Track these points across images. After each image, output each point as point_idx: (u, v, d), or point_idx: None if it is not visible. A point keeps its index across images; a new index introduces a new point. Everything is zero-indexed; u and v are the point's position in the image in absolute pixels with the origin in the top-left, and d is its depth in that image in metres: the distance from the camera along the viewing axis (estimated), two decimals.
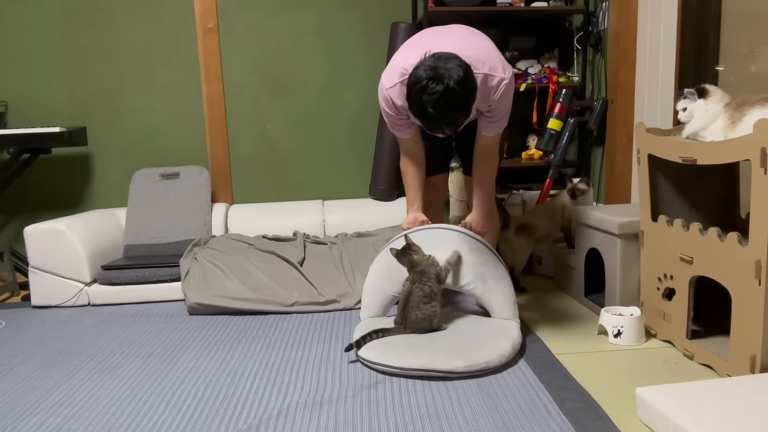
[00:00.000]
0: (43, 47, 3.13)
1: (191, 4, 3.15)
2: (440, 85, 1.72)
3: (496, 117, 2.02)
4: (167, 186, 3.11)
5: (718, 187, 2.09)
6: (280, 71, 3.26)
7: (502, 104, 1.99)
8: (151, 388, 1.78)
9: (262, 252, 2.78)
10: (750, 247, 1.59)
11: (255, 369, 1.90)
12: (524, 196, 3.06)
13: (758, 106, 1.66)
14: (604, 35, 3.03)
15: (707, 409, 1.36)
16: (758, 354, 1.59)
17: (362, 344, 1.92)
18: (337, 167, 3.37)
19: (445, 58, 1.77)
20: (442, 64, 1.74)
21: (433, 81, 1.73)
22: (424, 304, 1.97)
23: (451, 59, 1.77)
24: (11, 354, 2.12)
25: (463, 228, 2.14)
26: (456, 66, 1.75)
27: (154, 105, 3.23)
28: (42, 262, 2.64)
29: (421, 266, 1.99)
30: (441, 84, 1.72)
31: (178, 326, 2.36)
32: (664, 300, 2.00)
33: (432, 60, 1.77)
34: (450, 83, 1.72)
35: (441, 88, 1.72)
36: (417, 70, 1.78)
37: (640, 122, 2.07)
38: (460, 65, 1.75)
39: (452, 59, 1.77)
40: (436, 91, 1.72)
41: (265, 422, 1.54)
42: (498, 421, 1.51)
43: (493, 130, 2.07)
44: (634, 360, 1.89)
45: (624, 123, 2.86)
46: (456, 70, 1.74)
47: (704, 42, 2.40)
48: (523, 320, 2.26)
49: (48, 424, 1.58)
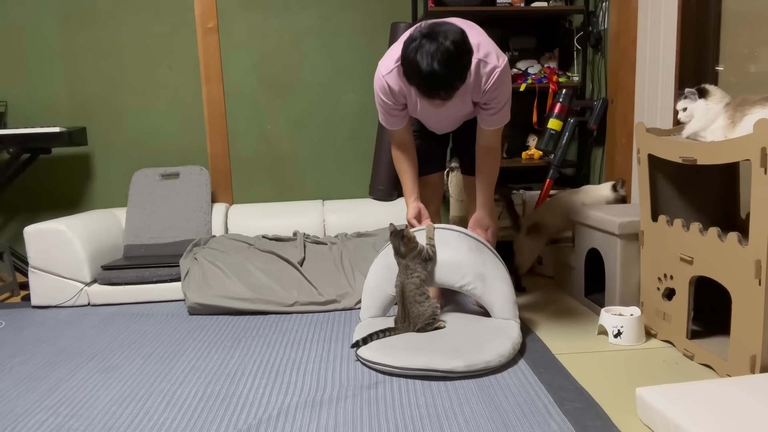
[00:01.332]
0: (43, 47, 3.13)
1: (191, 5, 3.15)
2: (435, 43, 1.71)
3: (494, 108, 2.01)
4: (167, 186, 3.11)
5: (718, 187, 2.09)
6: (280, 71, 3.26)
7: (498, 93, 1.97)
8: (151, 388, 1.78)
9: (262, 252, 2.78)
10: (750, 247, 1.59)
11: (255, 369, 1.90)
12: (524, 196, 3.06)
13: (758, 106, 1.66)
14: (604, 35, 3.03)
15: (707, 410, 1.36)
16: (758, 354, 1.59)
17: (369, 341, 1.92)
18: (337, 167, 3.36)
19: (441, 23, 1.78)
20: (437, 27, 1.75)
21: (428, 39, 1.72)
22: (420, 296, 1.98)
23: (446, 23, 1.77)
24: (11, 354, 2.12)
25: (462, 228, 2.14)
26: (451, 29, 1.75)
27: (154, 105, 3.23)
28: (42, 262, 2.64)
29: (406, 260, 2.00)
30: (436, 42, 1.71)
31: (178, 326, 2.36)
32: (664, 300, 2.00)
33: (427, 25, 1.78)
34: (445, 42, 1.71)
35: (435, 47, 1.71)
36: (412, 35, 1.78)
37: (640, 122, 2.07)
38: (455, 30, 1.75)
39: (447, 23, 1.77)
40: (431, 49, 1.71)
41: (265, 422, 1.54)
42: (498, 421, 1.51)
43: (493, 123, 2.06)
44: (634, 360, 1.89)
45: (624, 123, 2.86)
46: (452, 32, 1.73)
47: (704, 42, 2.40)
48: (523, 320, 2.26)
49: (48, 424, 1.58)
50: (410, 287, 1.98)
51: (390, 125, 2.11)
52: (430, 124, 2.25)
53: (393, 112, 2.05)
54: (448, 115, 2.15)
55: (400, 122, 2.10)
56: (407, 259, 2.00)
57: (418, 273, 1.99)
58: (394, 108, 2.04)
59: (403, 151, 2.17)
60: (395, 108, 2.04)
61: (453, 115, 2.14)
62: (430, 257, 2.05)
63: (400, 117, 2.08)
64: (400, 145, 2.17)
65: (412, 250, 2.01)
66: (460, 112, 2.13)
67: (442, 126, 2.26)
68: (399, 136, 2.15)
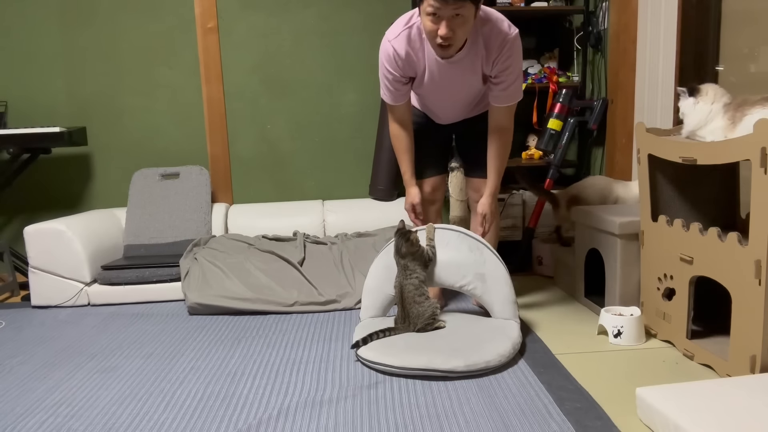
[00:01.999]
0: (43, 47, 3.13)
1: (191, 4, 3.15)
2: None
3: (505, 81, 2.00)
4: (167, 186, 3.11)
5: (718, 187, 2.09)
6: (280, 71, 3.26)
7: (510, 64, 1.97)
8: (151, 388, 1.78)
9: (262, 252, 2.78)
10: (750, 247, 1.59)
11: (255, 369, 1.90)
12: (524, 196, 3.06)
13: (758, 106, 1.66)
14: (604, 35, 3.03)
15: (707, 409, 1.36)
16: (758, 354, 1.59)
17: (369, 341, 1.92)
18: (337, 167, 3.36)
19: None
20: None
21: None
22: (419, 296, 1.98)
23: None
24: (11, 354, 2.12)
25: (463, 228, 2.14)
26: None
27: (154, 105, 3.23)
28: (42, 262, 2.64)
29: (405, 260, 2.00)
30: None
31: (178, 326, 2.36)
32: (664, 300, 2.00)
33: None
34: None
35: None
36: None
37: (640, 122, 2.07)
38: None
39: None
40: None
41: (265, 422, 1.54)
42: (498, 421, 1.51)
43: (505, 99, 2.05)
44: (634, 360, 1.89)
45: (624, 123, 2.86)
46: None
47: (704, 42, 2.40)
48: (523, 320, 2.26)
49: (48, 424, 1.58)
50: (409, 288, 1.98)
51: (391, 100, 2.09)
52: (435, 104, 2.20)
53: (396, 85, 2.03)
54: (457, 92, 2.11)
55: (402, 97, 2.08)
56: (406, 259, 2.00)
57: (417, 274, 2.00)
58: (398, 81, 2.02)
59: (403, 129, 2.16)
60: (399, 81, 2.02)
61: (462, 91, 2.10)
62: (430, 258, 2.05)
63: (402, 92, 2.06)
64: (401, 123, 2.15)
65: (412, 254, 2.01)
66: (469, 88, 2.09)
67: (447, 110, 2.22)
68: (399, 113, 2.13)
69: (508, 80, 2.00)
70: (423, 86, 2.10)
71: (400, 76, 2.02)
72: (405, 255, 2.00)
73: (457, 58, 1.96)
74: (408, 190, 2.23)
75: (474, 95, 2.15)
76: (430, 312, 1.99)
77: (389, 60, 1.99)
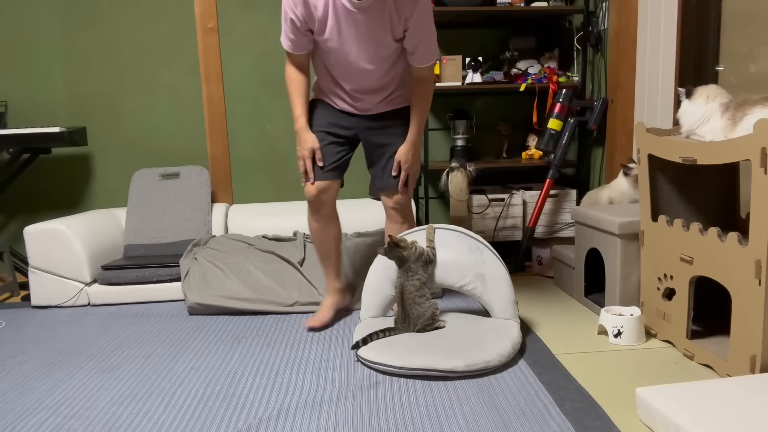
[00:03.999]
0: (43, 47, 3.13)
1: (191, 4, 3.15)
2: None
3: (416, 37, 2.00)
4: (167, 186, 3.11)
5: (718, 187, 2.09)
6: (280, 71, 3.26)
7: (422, 18, 1.97)
8: (151, 388, 1.78)
9: (262, 252, 2.78)
10: (750, 247, 1.59)
11: (255, 369, 1.90)
12: (524, 196, 3.06)
13: (758, 105, 1.66)
14: (604, 35, 3.03)
15: (707, 409, 1.36)
16: (758, 354, 1.59)
17: (369, 341, 1.92)
18: None
19: None
20: None
21: None
22: (419, 297, 1.98)
23: None
24: (11, 354, 2.12)
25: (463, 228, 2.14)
26: None
27: (154, 105, 3.23)
28: (42, 262, 2.64)
29: (408, 262, 2.00)
30: None
31: (178, 326, 2.36)
32: (664, 300, 2.00)
33: None
34: None
35: None
36: None
37: (640, 122, 2.07)
38: None
39: None
40: None
41: (265, 422, 1.54)
42: (498, 421, 1.51)
43: (421, 60, 2.07)
44: (634, 360, 1.89)
45: (624, 123, 2.86)
46: None
47: (704, 42, 2.40)
48: (523, 320, 2.27)
49: (48, 424, 1.58)
50: (410, 289, 1.98)
51: (292, 48, 2.07)
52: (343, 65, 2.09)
53: (297, 34, 2.02)
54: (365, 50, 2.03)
55: (301, 48, 2.07)
56: (410, 261, 2.00)
57: (418, 276, 1.99)
58: (299, 30, 2.01)
59: (300, 72, 2.13)
60: (300, 30, 2.01)
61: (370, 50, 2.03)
62: (431, 260, 2.05)
63: (301, 42, 2.05)
64: (299, 67, 2.13)
65: (413, 252, 2.00)
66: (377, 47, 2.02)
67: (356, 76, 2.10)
68: (298, 59, 2.12)
69: (417, 37, 2.01)
70: (327, 37, 2.02)
71: (302, 23, 1.99)
72: (409, 257, 2.00)
73: (365, 3, 1.92)
74: (302, 136, 2.14)
75: (384, 59, 2.07)
76: (430, 313, 1.99)
77: (291, 6, 1.97)
